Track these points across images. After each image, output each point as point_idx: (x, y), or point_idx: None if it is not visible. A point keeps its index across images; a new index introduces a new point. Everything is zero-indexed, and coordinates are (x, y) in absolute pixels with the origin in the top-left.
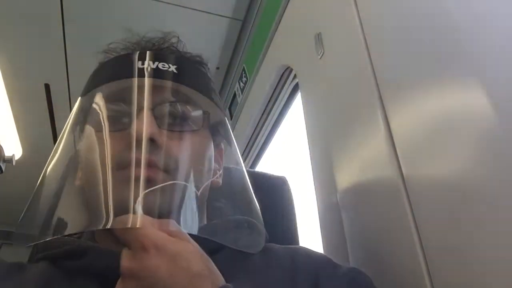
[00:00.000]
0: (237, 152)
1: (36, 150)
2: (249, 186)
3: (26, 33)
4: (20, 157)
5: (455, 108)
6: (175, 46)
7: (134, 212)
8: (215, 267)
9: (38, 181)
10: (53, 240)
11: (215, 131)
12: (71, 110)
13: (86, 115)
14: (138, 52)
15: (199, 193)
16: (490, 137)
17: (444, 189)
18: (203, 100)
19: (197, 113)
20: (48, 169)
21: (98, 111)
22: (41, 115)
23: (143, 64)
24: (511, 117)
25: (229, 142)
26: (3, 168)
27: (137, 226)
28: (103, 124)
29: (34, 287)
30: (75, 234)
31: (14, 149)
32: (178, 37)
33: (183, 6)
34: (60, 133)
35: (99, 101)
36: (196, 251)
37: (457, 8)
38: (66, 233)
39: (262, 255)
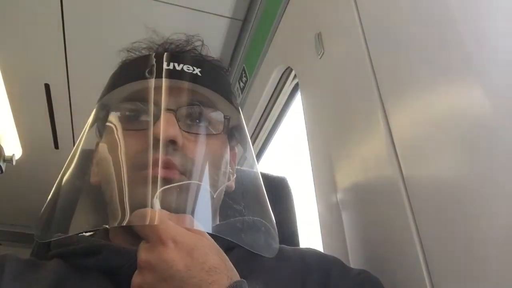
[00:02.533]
0: (253, 156)
1: (36, 150)
2: (263, 190)
3: (26, 33)
4: (20, 157)
5: (455, 108)
6: (198, 50)
7: (152, 207)
8: (230, 263)
9: (58, 179)
10: (67, 238)
11: (231, 134)
12: (71, 110)
13: (108, 113)
14: (164, 53)
15: (215, 195)
16: (490, 137)
17: (444, 189)
18: (224, 104)
19: (218, 117)
20: (70, 167)
21: (121, 110)
22: (41, 115)
23: (168, 65)
24: (510, 117)
25: (246, 146)
26: (3, 168)
27: (155, 221)
28: (123, 124)
29: (48, 283)
30: (92, 231)
31: (14, 149)
32: (202, 41)
33: (183, 6)
34: (60, 133)
35: (122, 100)
36: (212, 245)
37: (457, 8)
38: (85, 230)
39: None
